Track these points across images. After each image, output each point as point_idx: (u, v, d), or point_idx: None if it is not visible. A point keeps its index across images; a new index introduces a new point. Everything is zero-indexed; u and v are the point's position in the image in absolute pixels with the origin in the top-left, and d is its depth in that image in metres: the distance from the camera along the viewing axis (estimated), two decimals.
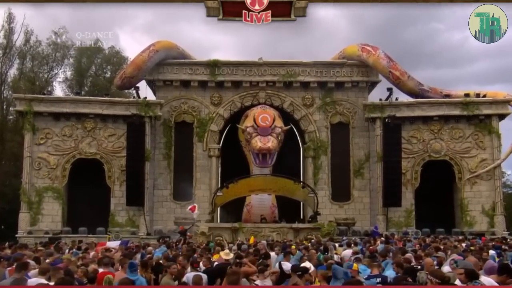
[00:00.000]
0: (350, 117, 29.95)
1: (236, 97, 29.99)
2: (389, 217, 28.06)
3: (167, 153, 29.51)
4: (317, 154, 29.75)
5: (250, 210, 28.43)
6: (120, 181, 27.96)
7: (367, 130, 29.60)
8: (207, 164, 29.53)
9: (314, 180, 29.29)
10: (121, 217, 27.90)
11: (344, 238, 20.83)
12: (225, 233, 24.12)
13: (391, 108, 28.21)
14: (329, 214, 28.28)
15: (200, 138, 29.68)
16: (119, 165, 28.03)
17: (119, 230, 26.57)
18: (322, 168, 29.64)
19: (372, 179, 29.13)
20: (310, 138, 29.90)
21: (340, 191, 29.46)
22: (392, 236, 20.40)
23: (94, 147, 28.10)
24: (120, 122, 28.19)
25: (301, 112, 30.06)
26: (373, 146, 28.99)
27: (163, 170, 29.38)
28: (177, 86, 29.88)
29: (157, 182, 29.23)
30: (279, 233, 24.22)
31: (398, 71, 28.65)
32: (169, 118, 29.69)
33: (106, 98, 28.89)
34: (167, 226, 27.77)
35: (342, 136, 29.87)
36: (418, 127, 28.60)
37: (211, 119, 29.83)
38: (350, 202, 29.45)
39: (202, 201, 28.66)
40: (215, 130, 29.89)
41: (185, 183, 28.85)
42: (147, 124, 28.02)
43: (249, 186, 26.20)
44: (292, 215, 28.43)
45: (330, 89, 30.03)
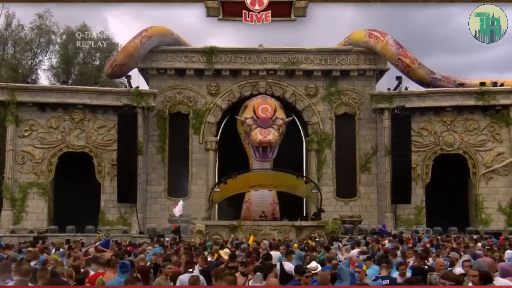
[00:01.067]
0: (356, 108, 29.97)
1: (234, 87, 29.98)
2: (398, 214, 28.08)
3: (161, 146, 29.54)
4: (321, 148, 29.79)
5: (249, 207, 28.63)
6: (111, 176, 27.98)
7: (374, 121, 29.60)
8: (204, 158, 29.54)
9: (318, 175, 29.37)
10: (111, 215, 27.90)
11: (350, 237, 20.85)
12: (223, 232, 24.29)
13: (400, 98, 28.18)
14: (333, 211, 28.34)
15: (196, 130, 29.71)
16: (110, 159, 28.04)
17: (110, 228, 26.19)
18: (326, 162, 29.69)
19: (380, 174, 29.18)
20: (314, 130, 29.92)
21: (345, 186, 29.52)
22: (401, 235, 20.31)
23: (83, 140, 28.06)
24: (110, 113, 28.15)
25: (304, 102, 30.08)
26: (380, 138, 28.99)
27: (157, 164, 29.42)
28: (172, 75, 29.89)
29: (150, 177, 29.29)
30: (280, 232, 24.41)
31: (408, 58, 28.57)
32: (163, 109, 29.68)
33: (96, 88, 28.94)
34: (161, 224, 27.79)
35: (347, 128, 29.91)
36: (429, 118, 28.54)
37: (208, 110, 29.84)
38: (356, 199, 29.52)
39: (199, 197, 28.91)
40: (212, 122, 29.90)
41: (180, 178, 29.02)
42: (139, 115, 27.97)
43: (248, 181, 26.30)
44: (294, 212, 28.49)
45: (335, 78, 30.04)
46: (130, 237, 24.71)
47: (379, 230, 25.21)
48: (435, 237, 18.87)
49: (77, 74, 39.68)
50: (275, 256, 10.87)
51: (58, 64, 39.63)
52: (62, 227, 26.07)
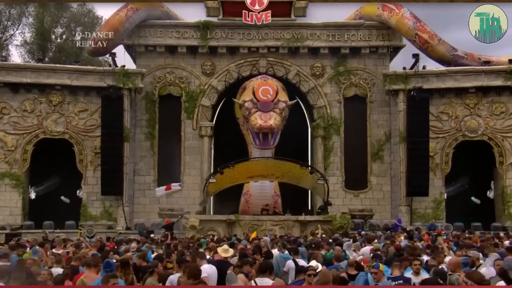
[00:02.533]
0: (367, 90, 29.92)
1: (232, 66, 29.91)
2: (414, 208, 28.06)
3: (150, 132, 29.55)
4: (328, 134, 29.82)
5: (248, 199, 28.67)
6: (94, 165, 27.95)
7: (387, 105, 29.52)
8: (198, 145, 29.56)
9: (325, 164, 29.46)
10: (95, 209, 27.89)
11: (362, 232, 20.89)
12: (219, 227, 24.28)
13: (417, 78, 28.04)
14: (342, 204, 28.45)
15: (189, 115, 29.71)
16: (93, 147, 28.00)
17: (93, 224, 26.40)
18: (334, 150, 29.73)
19: (394, 163, 29.15)
20: (320, 115, 29.91)
21: (355, 177, 29.56)
22: (418, 231, 20.30)
23: (62, 125, 27.95)
24: (93, 95, 28.06)
25: (309, 83, 30.04)
26: (395, 124, 28.89)
27: (146, 152, 29.45)
28: (162, 53, 29.80)
29: (138, 167, 29.31)
30: (282, 227, 24.43)
31: (426, 33, 28.43)
32: (152, 90, 29.64)
33: (76, 66, 28.65)
34: (150, 219, 27.92)
35: (358, 112, 29.87)
36: (450, 101, 28.43)
37: (202, 92, 29.79)
38: (367, 191, 29.59)
39: (192, 189, 28.94)
40: (207, 105, 29.88)
41: (171, 168, 28.93)
42: (125, 97, 27.88)
43: (247, 171, 26.28)
44: (298, 205, 28.67)
45: (344, 56, 29.97)
46: (115, 233, 24.81)
47: (393, 225, 25.20)
48: (456, 234, 18.93)
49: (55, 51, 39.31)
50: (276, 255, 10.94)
51: (33, 40, 39.19)
52: (38, 223, 25.98)
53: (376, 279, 8.15)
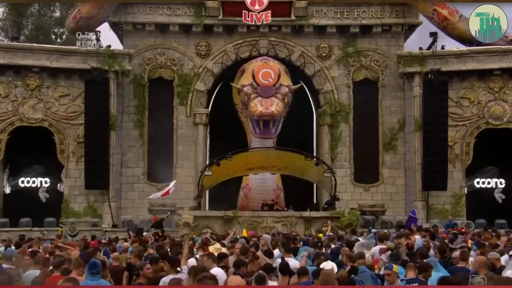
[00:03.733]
0: (379, 73, 29.81)
1: (229, 47, 29.78)
2: (431, 204, 28.03)
3: (139, 120, 29.50)
4: (336, 121, 29.82)
5: (248, 194, 28.79)
6: (77, 156, 27.89)
7: (402, 89, 29.48)
8: (192, 134, 29.57)
9: (332, 155, 29.46)
10: (78, 204, 27.85)
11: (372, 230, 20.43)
12: (215, 224, 24.33)
13: (435, 59, 27.86)
14: (350, 199, 28.52)
15: (182, 101, 29.66)
16: (75, 136, 27.88)
17: (76, 221, 26.46)
18: (342, 140, 29.72)
19: (408, 153, 29.09)
20: (327, 101, 29.88)
21: (365, 169, 29.59)
22: (436, 229, 20.29)
23: (41, 112, 27.83)
24: (75, 78, 27.93)
25: (314, 66, 29.96)
26: (409, 110, 28.81)
27: (134, 142, 29.43)
28: (151, 31, 29.70)
29: (126, 158, 29.29)
30: (285, 224, 24.56)
31: (446, 9, 28.23)
32: (141, 73, 29.56)
33: (56, 46, 28.45)
34: (140, 216, 27.96)
35: (368, 98, 29.84)
36: (472, 84, 28.29)
37: (196, 75, 29.72)
38: (379, 184, 29.59)
39: (186, 182, 28.85)
40: (202, 90, 29.81)
41: (163, 159, 28.89)
42: (111, 81, 27.79)
43: (246, 163, 26.21)
44: (302, 200, 28.88)
45: (353, 36, 29.89)
46: (101, 232, 24.79)
47: (408, 217, 25.18)
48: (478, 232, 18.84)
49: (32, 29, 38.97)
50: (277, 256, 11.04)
51: (6, 15, 38.85)
52: (14, 220, 26.04)
53: (389, 281, 8.19)
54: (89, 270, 7.67)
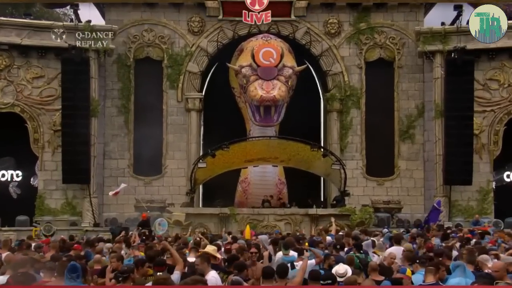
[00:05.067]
0: (395, 52, 29.70)
1: (226, 23, 29.63)
2: (454, 200, 28.10)
3: (123, 105, 29.44)
4: (346, 107, 29.78)
5: (247, 189, 29.07)
6: (53, 146, 27.88)
7: (421, 70, 29.40)
8: (184, 122, 29.59)
9: (341, 145, 29.50)
10: (54, 201, 27.84)
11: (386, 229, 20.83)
12: (210, 223, 24.54)
13: (460, 36, 27.71)
14: (362, 195, 28.66)
15: (173, 84, 29.65)
16: (51, 123, 27.90)
17: (52, 220, 26.41)
18: (353, 128, 29.73)
19: (428, 143, 29.08)
20: (336, 84, 29.82)
21: (379, 161, 29.61)
22: (459, 229, 20.23)
23: (11, 96, 27.82)
24: (50, 57, 27.87)
25: (322, 44, 29.88)
26: (429, 94, 28.80)
27: (118, 130, 29.47)
28: (137, 5, 29.66)
29: (109, 148, 29.33)
30: (289, 223, 24.76)
31: None
32: (125, 53, 29.47)
33: (28, 21, 28.39)
34: (125, 213, 27.98)
35: (383, 80, 29.83)
36: (502, 64, 28.23)
37: (188, 55, 29.67)
38: (394, 178, 29.58)
39: (176, 175, 28.96)
40: (195, 72, 29.75)
41: (150, 149, 28.88)
42: (92, 61, 27.74)
43: (245, 153, 26.32)
44: (308, 196, 28.76)
45: (366, 10, 29.87)
46: (81, 231, 24.90)
47: (430, 209, 25.19)
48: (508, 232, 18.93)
49: None
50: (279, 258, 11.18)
51: None
52: None
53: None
54: (68, 274, 7.65)
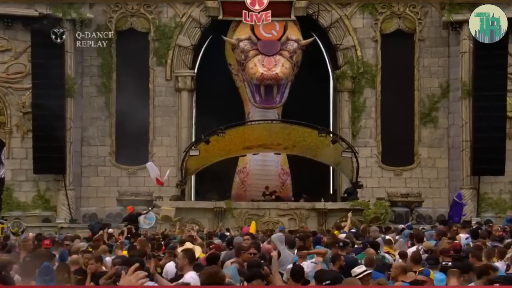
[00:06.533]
0: (416, 22, 29.57)
1: None
2: (483, 193, 28.21)
3: (104, 84, 29.41)
4: (359, 86, 29.74)
5: (245, 179, 29.22)
6: (23, 131, 27.98)
7: (445, 43, 29.38)
8: (174, 103, 29.62)
9: (353, 130, 29.54)
10: (24, 193, 27.93)
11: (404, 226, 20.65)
12: (204, 218, 24.61)
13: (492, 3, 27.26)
14: (378, 186, 28.73)
15: (160, 59, 29.63)
16: (20, 104, 27.97)
17: (21, 215, 26.63)
18: (367, 110, 29.73)
19: (453, 128, 29.13)
20: (347, 59, 29.71)
21: (396, 148, 29.59)
22: (490, 226, 20.28)
23: None
24: (18, 28, 27.97)
25: (331, 14, 29.78)
26: (455, 71, 28.76)
27: (98, 112, 29.46)
28: None
29: (87, 134, 29.36)
30: (293, 218, 24.91)
31: None
32: (106, 23, 29.32)
33: None
34: (106, 208, 27.98)
35: (401, 55, 29.84)
36: None
37: (178, 26, 29.55)
38: (414, 167, 29.55)
39: (165, 164, 28.54)
40: (186, 46, 29.66)
41: (135, 135, 28.91)
42: (68, 33, 27.53)
43: (243, 140, 26.35)
44: (315, 188, 28.83)
45: None
46: (55, 229, 25.25)
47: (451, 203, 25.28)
48: None
49: None
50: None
51: None
52: None
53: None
54: (41, 276, 7.84)
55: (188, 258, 9.04)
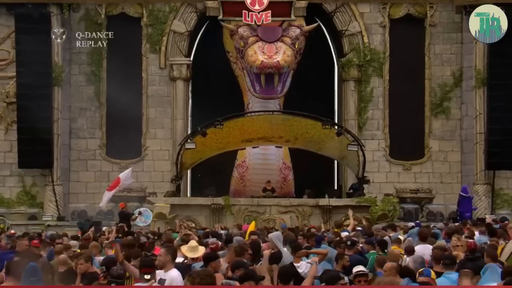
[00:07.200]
0: (427, 6, 29.61)
1: None
2: (498, 188, 28.31)
3: (94, 72, 29.41)
4: (365, 75, 29.78)
5: (244, 174, 29.37)
6: (6, 123, 28.16)
7: (458, 29, 29.43)
8: (168, 93, 29.66)
9: (359, 121, 29.63)
10: (8, 189, 28.12)
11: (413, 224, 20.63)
12: (200, 215, 24.76)
13: None
14: (385, 182, 28.85)
15: (154, 46, 29.69)
16: (3, 94, 28.16)
17: (5, 212, 26.77)
18: (374, 101, 29.79)
19: (466, 119, 29.20)
20: (353, 46, 29.73)
21: (405, 141, 29.70)
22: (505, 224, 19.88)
23: None
24: (1, 13, 28.19)
25: None
26: (469, 58, 28.81)
27: (88, 103, 29.48)
28: None
29: (76, 125, 29.40)
30: (296, 215, 24.98)
31: None
32: (95, 8, 29.40)
33: None
34: (96, 204, 27.59)
35: (411, 42, 29.89)
36: None
37: (173, 11, 29.64)
38: (425, 161, 29.64)
39: (159, 158, 29.08)
40: (182, 32, 29.70)
41: (127, 126, 29.18)
42: (54, 18, 27.71)
43: (242, 132, 26.42)
44: (319, 183, 28.85)
45: None
46: (42, 227, 25.05)
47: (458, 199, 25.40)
48: None
49: None
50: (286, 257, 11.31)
51: None
52: None
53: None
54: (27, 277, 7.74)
55: (171, 255, 9.17)
